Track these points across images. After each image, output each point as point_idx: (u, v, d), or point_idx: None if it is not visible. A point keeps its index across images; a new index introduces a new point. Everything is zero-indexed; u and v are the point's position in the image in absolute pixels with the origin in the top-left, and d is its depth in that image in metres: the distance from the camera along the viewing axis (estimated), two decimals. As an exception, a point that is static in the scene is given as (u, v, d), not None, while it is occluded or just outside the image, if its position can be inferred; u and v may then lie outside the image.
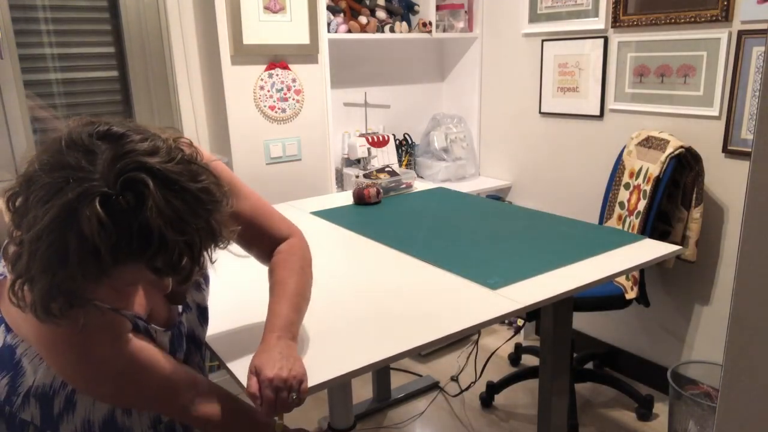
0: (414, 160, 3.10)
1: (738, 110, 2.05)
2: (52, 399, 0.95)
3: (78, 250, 0.75)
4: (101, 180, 0.76)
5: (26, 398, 0.95)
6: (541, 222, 1.85)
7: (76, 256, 0.75)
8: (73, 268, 0.76)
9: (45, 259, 0.76)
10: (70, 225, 0.75)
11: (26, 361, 0.94)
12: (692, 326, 2.34)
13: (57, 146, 0.79)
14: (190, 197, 0.80)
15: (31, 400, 0.95)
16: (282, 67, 2.44)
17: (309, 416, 2.37)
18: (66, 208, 0.75)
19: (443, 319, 1.21)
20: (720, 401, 0.58)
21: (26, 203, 0.78)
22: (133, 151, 0.78)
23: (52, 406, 0.95)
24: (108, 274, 0.79)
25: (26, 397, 0.95)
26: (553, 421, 1.71)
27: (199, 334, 1.11)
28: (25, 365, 0.94)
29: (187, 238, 0.79)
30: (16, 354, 0.94)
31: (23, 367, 0.94)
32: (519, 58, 2.84)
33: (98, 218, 0.74)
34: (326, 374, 1.03)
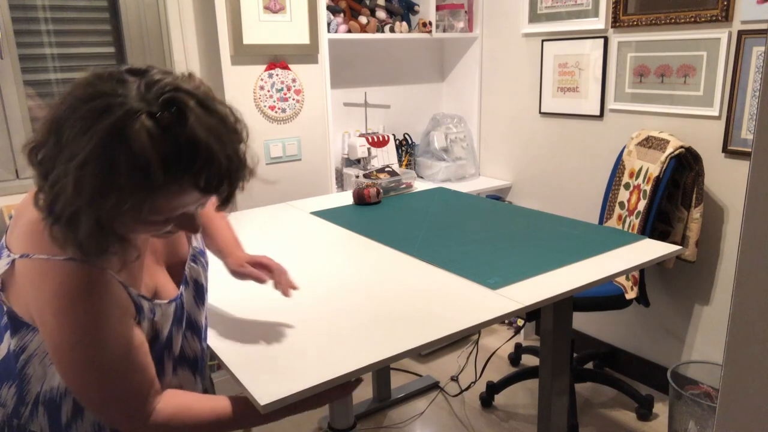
0: (414, 160, 3.10)
1: (738, 110, 2.05)
2: (61, 404, 0.94)
3: (129, 169, 0.75)
4: (141, 101, 0.77)
5: (35, 407, 0.94)
6: (541, 222, 1.85)
7: (127, 175, 0.76)
8: (124, 191, 0.76)
9: (94, 186, 0.76)
10: (119, 144, 0.75)
11: (32, 368, 0.93)
12: (692, 326, 2.34)
13: (85, 83, 0.80)
14: (224, 118, 0.84)
15: (39, 409, 0.94)
16: (282, 67, 2.44)
17: (309, 416, 2.37)
18: (112, 128, 0.75)
19: (443, 319, 1.21)
20: (720, 401, 0.58)
21: (59, 144, 0.78)
22: (162, 79, 0.81)
23: (60, 414, 0.95)
24: (156, 195, 0.79)
25: (35, 405, 0.94)
26: (553, 421, 1.71)
27: (196, 317, 1.09)
28: (30, 372, 0.93)
29: (229, 153, 0.83)
30: (20, 360, 0.93)
31: (28, 374, 0.93)
32: (519, 58, 2.84)
33: (148, 132, 0.76)
34: (326, 374, 1.03)
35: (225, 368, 1.08)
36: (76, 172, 0.76)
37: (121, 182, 0.76)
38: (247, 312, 1.28)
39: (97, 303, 0.86)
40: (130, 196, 0.77)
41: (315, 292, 1.37)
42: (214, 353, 1.13)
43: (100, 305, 0.87)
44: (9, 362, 0.94)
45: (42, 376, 0.93)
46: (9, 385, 0.94)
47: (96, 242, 0.81)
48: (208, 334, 1.18)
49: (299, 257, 1.60)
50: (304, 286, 1.41)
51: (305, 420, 2.35)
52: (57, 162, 0.78)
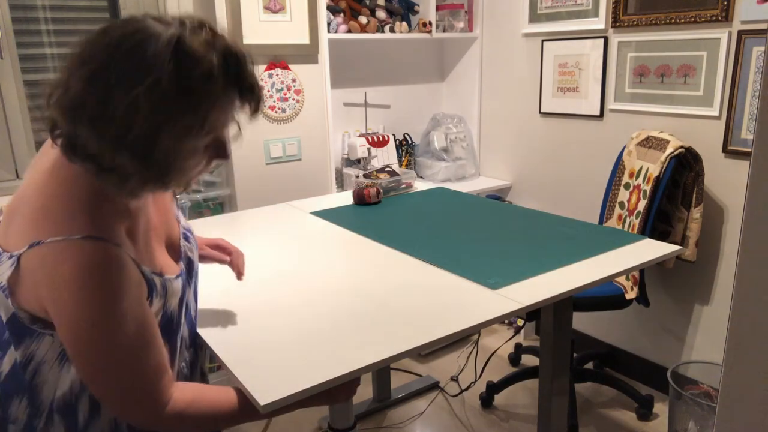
0: (414, 160, 3.10)
1: (738, 110, 2.05)
2: (76, 406, 0.93)
3: (199, 75, 0.81)
4: (176, 27, 0.82)
5: (49, 417, 0.93)
6: (541, 222, 1.85)
7: (199, 80, 0.81)
8: (192, 100, 0.81)
9: (166, 97, 0.79)
10: (183, 57, 0.80)
11: (41, 377, 0.92)
12: (692, 326, 2.34)
13: (115, 25, 0.83)
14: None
15: (54, 418, 0.93)
16: (282, 67, 2.44)
17: (309, 416, 2.37)
18: (170, 43, 0.80)
19: (443, 319, 1.21)
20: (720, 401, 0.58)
21: (106, 73, 0.79)
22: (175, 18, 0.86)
23: (76, 416, 0.94)
24: (214, 105, 0.84)
25: (49, 415, 0.93)
26: (553, 421, 1.71)
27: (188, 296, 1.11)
28: (40, 381, 0.92)
29: (252, 66, 0.89)
30: (28, 371, 0.92)
31: (39, 383, 0.92)
32: (519, 58, 2.84)
33: (206, 38, 0.83)
34: (326, 374, 1.03)
35: (225, 368, 1.08)
36: (146, 95, 0.78)
37: (194, 85, 0.81)
38: (247, 312, 1.28)
39: (116, 279, 0.86)
40: (200, 104, 0.82)
41: (315, 292, 1.37)
42: (214, 353, 1.13)
43: (119, 281, 0.86)
44: (17, 376, 0.92)
45: (54, 382, 0.92)
46: (20, 399, 0.93)
47: (142, 178, 0.84)
48: (207, 334, 1.18)
49: (299, 257, 1.61)
50: (303, 286, 1.41)
51: (305, 420, 2.35)
52: (108, 98, 0.79)
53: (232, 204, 2.46)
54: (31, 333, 0.90)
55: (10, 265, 0.87)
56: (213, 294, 1.38)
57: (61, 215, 0.85)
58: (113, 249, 0.86)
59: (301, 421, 2.34)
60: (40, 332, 0.90)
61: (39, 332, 0.90)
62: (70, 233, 0.84)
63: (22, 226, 0.87)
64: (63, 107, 0.82)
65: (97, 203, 0.88)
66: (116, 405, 0.91)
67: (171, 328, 1.02)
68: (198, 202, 2.42)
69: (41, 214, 0.86)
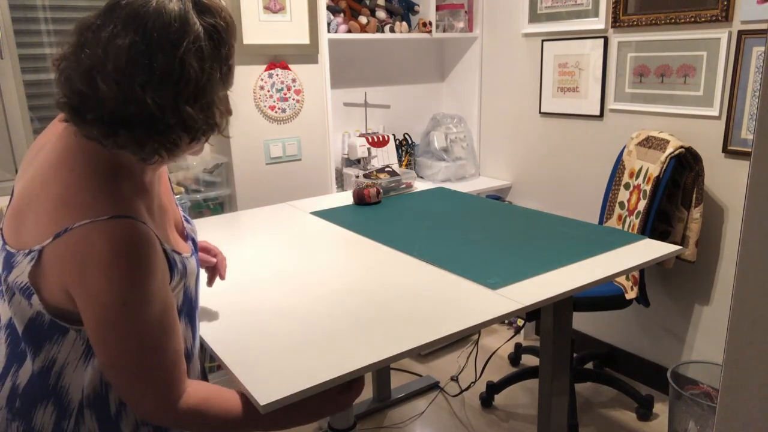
0: (414, 160, 3.10)
1: (738, 110, 2.05)
2: (107, 397, 0.93)
3: (223, 34, 0.89)
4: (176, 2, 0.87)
5: (80, 415, 0.92)
6: (541, 222, 1.85)
7: (226, 35, 0.90)
8: (221, 53, 0.89)
9: (205, 57, 0.86)
10: (205, 16, 0.87)
11: (67, 378, 0.91)
12: (692, 326, 2.34)
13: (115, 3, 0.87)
14: None
15: (85, 414, 0.93)
16: (282, 67, 2.44)
17: (309, 416, 2.37)
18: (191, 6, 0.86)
19: (443, 319, 1.21)
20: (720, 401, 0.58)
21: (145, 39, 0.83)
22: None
23: (108, 408, 0.93)
24: (231, 61, 0.92)
25: (79, 413, 0.92)
26: (553, 421, 1.71)
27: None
28: (66, 383, 0.92)
29: None
30: (51, 376, 0.91)
31: (65, 385, 0.92)
32: (519, 58, 2.84)
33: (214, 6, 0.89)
34: (326, 374, 1.03)
35: (225, 368, 1.08)
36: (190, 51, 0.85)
37: (224, 40, 0.89)
38: (247, 312, 1.28)
39: (147, 257, 0.85)
40: (226, 57, 0.90)
41: (315, 292, 1.37)
42: (214, 353, 1.13)
43: (150, 259, 0.86)
44: (36, 385, 0.92)
45: (80, 381, 0.92)
46: (44, 406, 0.92)
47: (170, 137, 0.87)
48: (207, 334, 1.18)
49: (299, 257, 1.61)
50: (303, 286, 1.41)
51: (305, 420, 2.35)
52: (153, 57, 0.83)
53: (232, 204, 2.46)
54: (51, 336, 0.90)
55: (29, 261, 0.86)
56: (213, 294, 1.38)
57: (81, 200, 0.84)
58: (141, 226, 0.85)
59: (301, 421, 2.34)
60: (62, 331, 0.89)
61: (60, 333, 0.89)
62: (96, 215, 0.83)
63: (40, 220, 0.86)
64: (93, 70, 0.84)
65: (116, 182, 0.88)
66: (130, 393, 0.90)
67: (192, 310, 1.03)
68: (198, 202, 2.42)
69: (60, 204, 0.85)
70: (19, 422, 0.93)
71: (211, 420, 0.96)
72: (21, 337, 0.91)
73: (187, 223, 1.12)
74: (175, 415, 0.92)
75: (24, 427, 0.93)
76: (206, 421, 0.95)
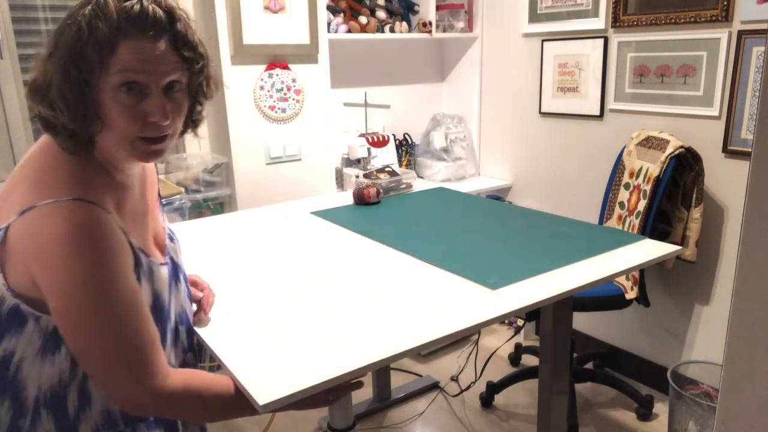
0: (414, 160, 3.10)
1: (738, 110, 2.05)
2: (65, 399, 0.92)
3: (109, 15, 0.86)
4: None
5: (36, 414, 0.91)
6: (541, 222, 1.85)
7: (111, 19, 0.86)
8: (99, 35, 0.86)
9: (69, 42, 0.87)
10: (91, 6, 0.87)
11: (24, 371, 0.90)
12: (692, 326, 2.34)
13: None
14: None
15: (42, 414, 0.91)
16: (282, 67, 2.44)
17: (309, 416, 2.37)
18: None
19: (443, 319, 1.21)
20: (720, 401, 0.58)
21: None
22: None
23: (66, 409, 0.92)
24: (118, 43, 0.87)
25: (35, 412, 0.91)
26: (553, 421, 1.71)
27: (182, 301, 1.11)
28: (24, 377, 0.90)
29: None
30: (10, 369, 0.90)
31: (22, 379, 0.90)
32: (519, 58, 2.84)
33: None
34: (326, 374, 1.03)
35: (224, 368, 1.08)
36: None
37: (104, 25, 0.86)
38: (247, 312, 1.28)
39: (105, 239, 0.86)
40: (107, 40, 0.86)
41: (315, 292, 1.37)
42: (213, 353, 1.13)
43: (108, 242, 0.87)
44: (5, 372, 0.91)
45: (37, 378, 0.90)
46: (2, 401, 0.91)
47: (83, 116, 0.88)
48: (206, 334, 1.18)
49: (299, 257, 1.61)
50: (303, 286, 1.41)
51: (305, 420, 2.35)
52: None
53: (232, 204, 2.46)
54: (9, 328, 0.89)
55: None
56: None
57: (49, 181, 0.88)
58: (102, 212, 0.88)
59: (301, 421, 2.34)
60: (19, 322, 0.89)
61: (18, 324, 0.89)
62: (59, 196, 0.86)
63: (14, 201, 0.88)
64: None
65: (86, 172, 0.91)
66: (107, 380, 0.89)
67: (162, 315, 1.01)
68: (198, 202, 2.42)
69: (32, 184, 0.88)
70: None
71: (194, 402, 0.94)
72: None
73: (170, 241, 1.12)
74: (157, 400, 0.91)
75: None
76: (189, 405, 0.94)
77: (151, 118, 0.91)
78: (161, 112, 0.91)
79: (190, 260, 1.59)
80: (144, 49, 0.88)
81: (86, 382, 0.93)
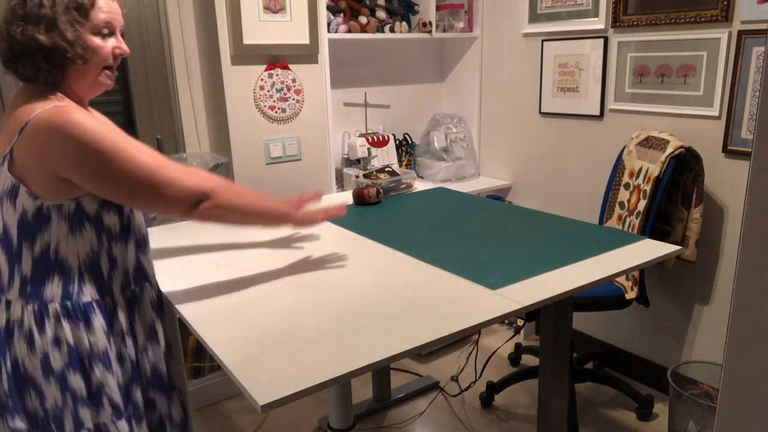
0: (414, 160, 3.10)
1: (738, 110, 2.05)
2: (99, 263, 1.20)
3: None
4: None
5: (81, 278, 1.18)
6: (541, 222, 1.85)
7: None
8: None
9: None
10: None
11: (62, 252, 1.15)
12: (692, 326, 2.34)
13: None
14: None
15: (85, 278, 1.18)
16: (282, 67, 2.44)
17: (309, 416, 2.37)
18: None
19: (443, 319, 1.21)
20: (720, 401, 0.58)
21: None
22: None
23: (101, 270, 1.21)
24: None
25: (80, 277, 1.18)
26: (553, 421, 1.71)
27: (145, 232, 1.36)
28: (63, 256, 1.16)
29: None
30: (50, 253, 1.15)
31: (62, 258, 1.17)
32: (519, 58, 2.84)
33: None
34: (326, 374, 1.03)
35: (224, 368, 1.08)
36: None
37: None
38: (247, 312, 1.28)
39: (90, 118, 1.09)
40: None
41: (314, 292, 1.37)
42: (213, 353, 1.13)
43: (96, 119, 1.10)
44: (39, 269, 1.15)
45: (74, 251, 1.16)
46: (51, 279, 1.16)
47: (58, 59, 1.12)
48: (206, 334, 1.18)
49: (299, 257, 1.60)
50: (303, 286, 1.41)
51: (305, 420, 2.35)
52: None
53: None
54: (39, 226, 1.13)
55: (2, 163, 1.12)
56: (212, 294, 1.38)
57: (34, 105, 1.11)
58: (82, 110, 1.11)
59: (300, 421, 2.34)
60: (45, 219, 1.12)
61: (45, 221, 1.13)
62: (44, 108, 1.09)
63: (7, 133, 1.12)
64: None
65: (60, 97, 1.16)
66: (162, 196, 1.14)
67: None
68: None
69: (20, 113, 1.11)
70: (33, 303, 1.16)
71: (234, 201, 1.24)
72: (16, 239, 1.14)
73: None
74: (192, 210, 1.19)
75: (38, 303, 1.15)
76: (230, 202, 1.23)
77: (117, 51, 1.21)
78: (125, 46, 1.24)
79: (189, 260, 1.60)
80: (111, 5, 1.20)
81: (112, 249, 1.21)
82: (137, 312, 1.28)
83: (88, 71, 1.17)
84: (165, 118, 2.52)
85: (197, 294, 1.38)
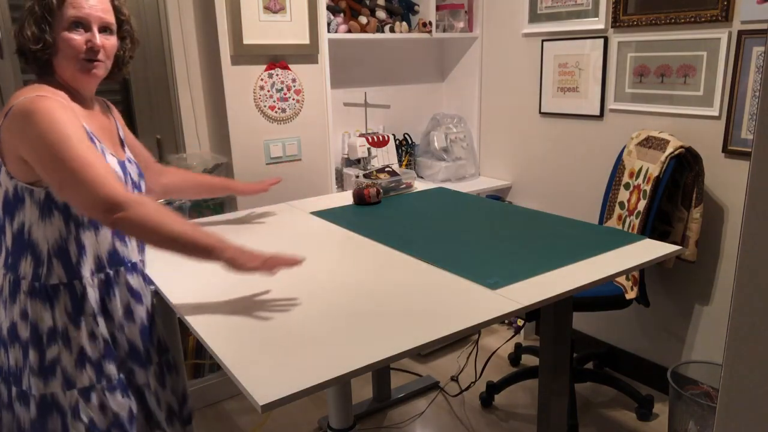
0: (414, 160, 3.10)
1: (738, 110, 2.05)
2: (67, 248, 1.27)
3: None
4: None
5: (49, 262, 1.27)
6: (541, 222, 1.85)
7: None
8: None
9: None
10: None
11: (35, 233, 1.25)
12: (692, 326, 2.34)
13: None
14: None
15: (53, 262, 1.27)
16: (282, 67, 2.44)
17: (309, 416, 2.37)
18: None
19: (443, 319, 1.21)
20: (720, 401, 0.58)
21: None
22: None
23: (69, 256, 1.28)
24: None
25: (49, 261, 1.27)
26: (553, 421, 1.71)
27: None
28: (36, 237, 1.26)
29: None
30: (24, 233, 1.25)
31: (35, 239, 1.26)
32: (519, 58, 2.84)
33: None
34: (326, 374, 1.03)
35: (224, 368, 1.08)
36: None
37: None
38: (246, 312, 1.28)
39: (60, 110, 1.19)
40: None
41: (314, 292, 1.37)
42: (213, 353, 1.13)
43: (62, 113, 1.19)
44: (16, 244, 1.27)
45: (44, 235, 1.25)
46: (25, 257, 1.27)
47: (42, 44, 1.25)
48: (206, 334, 1.18)
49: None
50: (303, 286, 1.41)
51: (305, 420, 2.35)
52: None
53: (232, 204, 2.46)
54: (16, 204, 1.24)
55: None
56: (212, 294, 1.38)
57: (25, 91, 1.22)
58: (57, 100, 1.21)
59: (300, 421, 2.34)
60: (21, 199, 1.23)
61: (20, 201, 1.23)
62: (27, 96, 1.19)
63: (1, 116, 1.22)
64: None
65: (49, 88, 1.26)
66: (87, 196, 1.16)
67: None
68: (198, 202, 2.42)
69: (12, 99, 1.21)
70: (11, 274, 1.29)
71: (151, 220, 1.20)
72: (1, 212, 1.27)
73: (131, 164, 1.44)
74: (112, 220, 1.18)
75: (13, 276, 1.28)
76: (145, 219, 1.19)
77: (89, 44, 1.28)
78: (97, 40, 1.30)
79: (189, 260, 1.60)
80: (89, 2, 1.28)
81: (80, 236, 1.28)
82: (112, 294, 1.35)
83: (66, 63, 1.28)
84: (165, 118, 2.52)
85: (197, 294, 1.38)
